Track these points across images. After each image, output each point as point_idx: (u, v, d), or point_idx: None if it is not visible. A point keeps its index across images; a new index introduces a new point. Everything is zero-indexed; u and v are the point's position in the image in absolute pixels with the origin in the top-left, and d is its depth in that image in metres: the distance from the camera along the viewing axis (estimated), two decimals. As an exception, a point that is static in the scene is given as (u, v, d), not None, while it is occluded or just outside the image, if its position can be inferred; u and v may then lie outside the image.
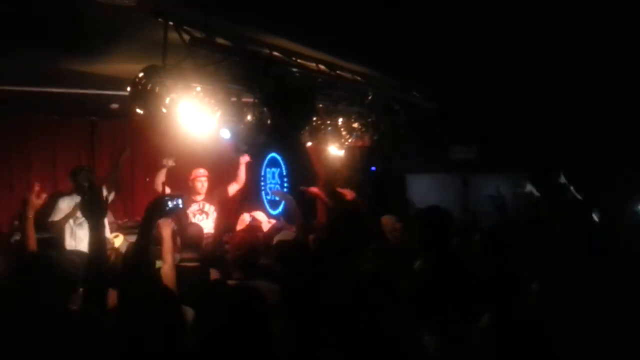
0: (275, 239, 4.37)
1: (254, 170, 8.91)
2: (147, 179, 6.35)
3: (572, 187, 5.18)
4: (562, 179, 5.10)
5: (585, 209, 4.86)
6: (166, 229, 3.65)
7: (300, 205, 7.93)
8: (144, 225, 2.94)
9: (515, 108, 6.90)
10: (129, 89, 4.19)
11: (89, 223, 2.65)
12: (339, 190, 5.50)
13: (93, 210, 2.67)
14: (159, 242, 3.79)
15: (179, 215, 5.61)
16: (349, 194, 5.39)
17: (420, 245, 3.91)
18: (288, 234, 4.44)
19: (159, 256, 3.94)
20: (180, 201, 3.17)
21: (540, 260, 3.72)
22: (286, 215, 5.63)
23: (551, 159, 7.21)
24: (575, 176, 5.58)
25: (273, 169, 8.89)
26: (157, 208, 2.98)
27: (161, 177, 6.09)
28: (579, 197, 5.24)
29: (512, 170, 7.89)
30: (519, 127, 7.28)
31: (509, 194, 7.13)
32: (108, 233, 5.90)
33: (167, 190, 5.67)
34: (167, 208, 3.04)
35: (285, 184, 8.67)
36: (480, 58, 5.46)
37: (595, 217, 5.29)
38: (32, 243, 3.62)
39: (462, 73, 5.86)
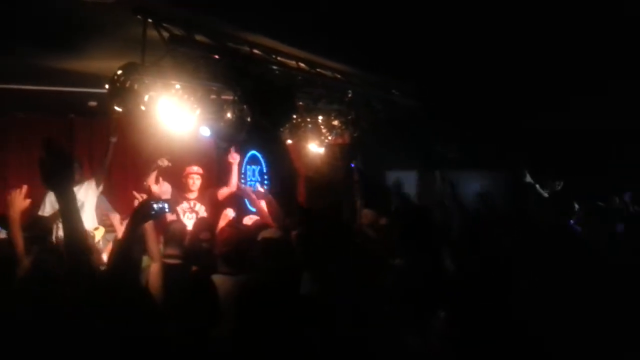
0: (260, 236, 4.39)
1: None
2: (145, 183, 6.16)
3: (537, 185, 5.28)
4: (528, 178, 5.20)
5: (552, 206, 4.96)
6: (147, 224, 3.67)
7: (281, 204, 7.96)
8: (130, 228, 2.94)
9: (496, 106, 6.99)
10: (107, 86, 4.17)
11: (54, 194, 2.31)
12: None
13: (53, 176, 2.24)
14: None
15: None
16: None
17: (402, 244, 3.98)
18: (273, 231, 4.46)
19: (144, 253, 3.95)
20: (166, 205, 3.19)
21: (523, 256, 3.77)
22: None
23: (531, 157, 7.34)
24: (553, 173, 5.70)
25: (253, 167, 8.89)
26: (143, 212, 3.00)
27: (153, 178, 5.96)
28: (545, 194, 5.34)
29: (492, 168, 8.02)
30: (499, 125, 7.39)
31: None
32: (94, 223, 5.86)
33: (155, 188, 5.63)
34: (153, 212, 3.06)
35: (266, 182, 8.68)
36: (460, 56, 5.52)
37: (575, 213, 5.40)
38: (20, 244, 3.59)
39: (442, 71, 5.92)
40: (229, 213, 5.39)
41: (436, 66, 5.59)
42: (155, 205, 3.04)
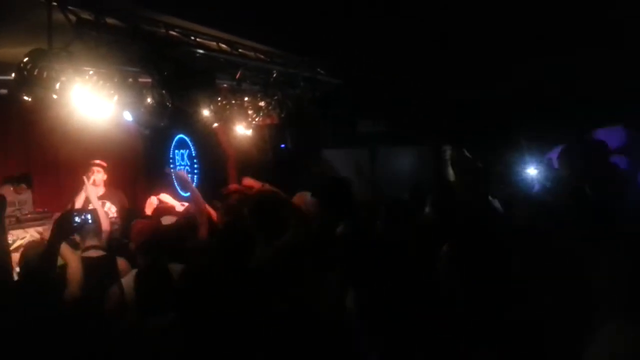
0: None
1: (161, 151, 8.73)
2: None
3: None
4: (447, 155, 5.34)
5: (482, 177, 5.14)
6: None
7: (213, 188, 7.86)
8: (51, 243, 2.85)
9: (419, 80, 7.09)
10: (13, 75, 3.96)
11: None
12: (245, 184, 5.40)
13: None
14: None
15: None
16: (254, 184, 5.30)
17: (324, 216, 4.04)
18: (169, 218, 4.41)
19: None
20: (88, 216, 3.09)
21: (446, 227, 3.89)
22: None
23: (456, 130, 7.54)
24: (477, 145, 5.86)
25: (182, 151, 8.73)
26: (64, 224, 2.90)
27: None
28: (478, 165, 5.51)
29: (419, 142, 8.18)
30: (423, 99, 7.52)
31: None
32: None
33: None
34: (75, 224, 2.96)
35: (196, 165, 8.55)
36: (380, 31, 5.54)
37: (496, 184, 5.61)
38: None
39: (364, 47, 5.93)
40: (154, 201, 5.27)
41: (356, 43, 5.60)
42: (77, 218, 2.95)
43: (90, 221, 3.16)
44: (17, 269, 3.79)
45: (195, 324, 2.57)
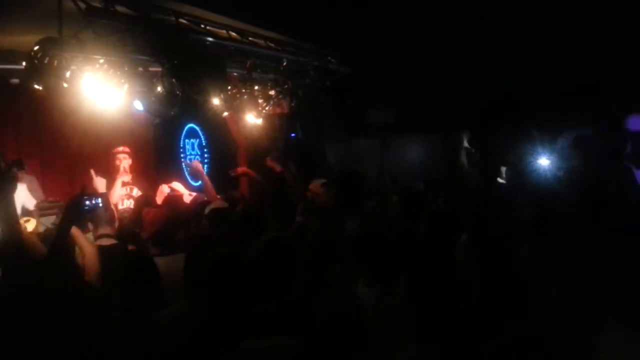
0: (209, 208, 4.35)
1: (172, 141, 8.72)
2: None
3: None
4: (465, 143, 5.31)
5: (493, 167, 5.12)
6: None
7: (223, 178, 7.86)
8: (63, 226, 2.87)
9: (428, 72, 7.05)
10: (24, 63, 3.96)
11: None
12: (269, 163, 5.52)
13: None
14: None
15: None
16: (276, 167, 5.43)
17: (338, 206, 4.03)
18: (220, 202, 4.42)
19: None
20: (99, 200, 3.10)
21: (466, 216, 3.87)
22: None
23: (464, 121, 7.49)
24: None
25: (192, 140, 8.71)
26: (75, 208, 2.90)
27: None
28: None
29: (429, 132, 8.12)
30: (432, 90, 7.46)
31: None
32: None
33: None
34: (86, 208, 2.96)
35: (206, 155, 8.55)
36: (392, 20, 5.50)
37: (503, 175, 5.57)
38: None
39: (375, 35, 5.90)
40: (165, 189, 5.27)
41: (367, 31, 5.56)
42: (87, 202, 2.95)
43: (100, 205, 3.16)
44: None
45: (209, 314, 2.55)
